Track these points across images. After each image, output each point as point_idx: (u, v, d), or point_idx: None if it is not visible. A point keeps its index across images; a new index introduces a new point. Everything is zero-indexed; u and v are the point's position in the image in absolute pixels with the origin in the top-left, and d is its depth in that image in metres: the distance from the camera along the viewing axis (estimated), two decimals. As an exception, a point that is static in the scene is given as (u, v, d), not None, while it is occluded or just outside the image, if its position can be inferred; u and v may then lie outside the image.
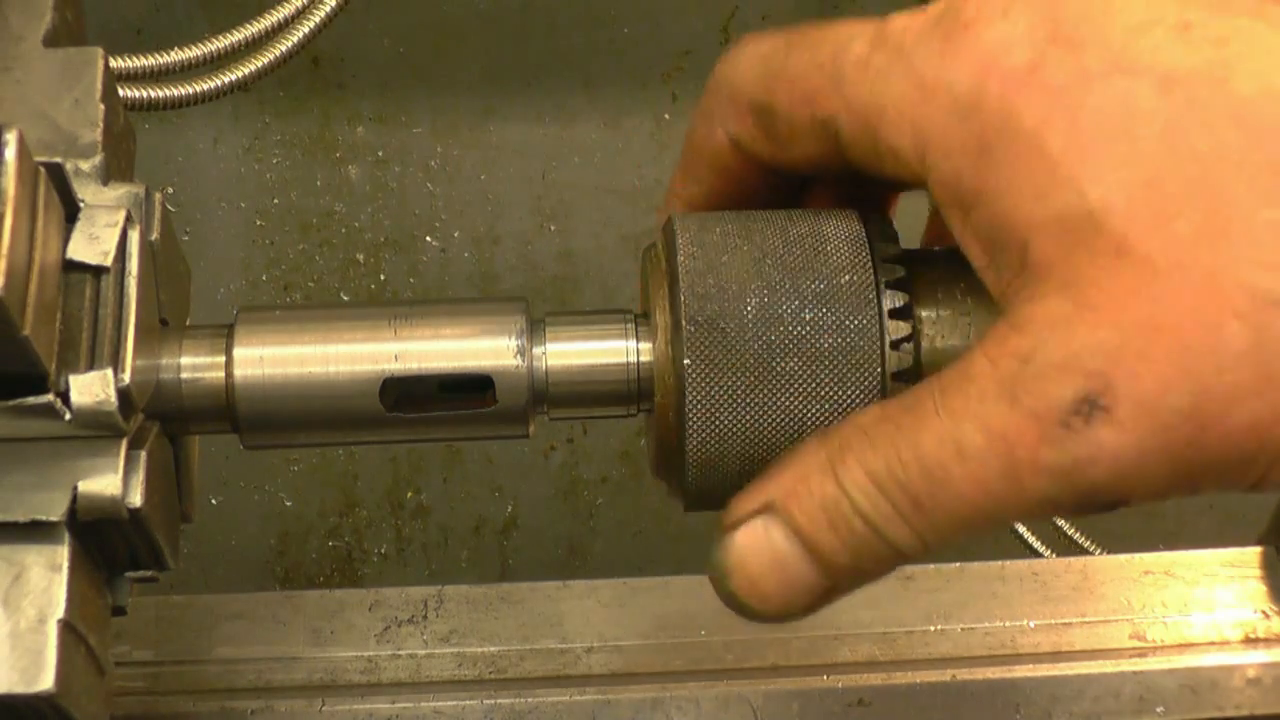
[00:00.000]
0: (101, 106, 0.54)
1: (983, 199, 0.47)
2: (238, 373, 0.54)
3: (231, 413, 0.54)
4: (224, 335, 0.55)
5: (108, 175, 0.54)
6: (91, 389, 0.49)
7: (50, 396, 0.48)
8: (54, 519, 0.48)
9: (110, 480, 0.49)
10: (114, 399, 0.49)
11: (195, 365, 0.54)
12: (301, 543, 1.52)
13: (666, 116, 1.44)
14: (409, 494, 1.51)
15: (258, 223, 1.44)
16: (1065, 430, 0.45)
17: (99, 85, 0.54)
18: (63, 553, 0.48)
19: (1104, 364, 0.44)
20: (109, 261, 0.51)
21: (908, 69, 0.49)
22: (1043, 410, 0.45)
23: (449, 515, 1.52)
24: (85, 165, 0.53)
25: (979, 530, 0.48)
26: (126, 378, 0.49)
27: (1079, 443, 0.45)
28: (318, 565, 1.53)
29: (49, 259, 0.49)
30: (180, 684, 0.85)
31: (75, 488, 0.49)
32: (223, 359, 0.54)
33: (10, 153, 0.45)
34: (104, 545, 0.51)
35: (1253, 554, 0.94)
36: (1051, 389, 0.45)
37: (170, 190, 1.39)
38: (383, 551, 1.53)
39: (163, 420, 0.54)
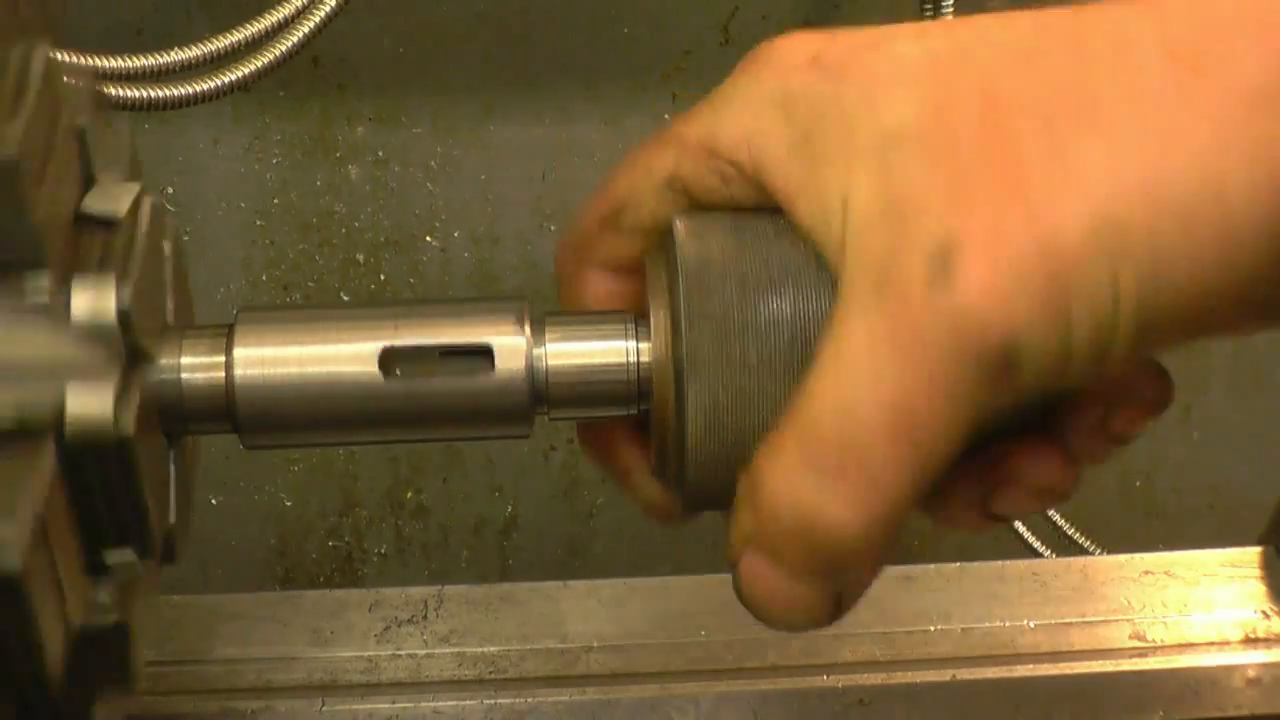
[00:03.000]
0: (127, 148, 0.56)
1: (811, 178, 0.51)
2: (238, 373, 0.54)
3: (231, 413, 0.54)
4: (224, 335, 0.55)
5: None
6: (92, 300, 0.49)
7: (47, 285, 0.48)
8: (42, 420, 0.47)
9: (102, 402, 0.48)
10: (113, 310, 0.49)
11: (195, 365, 0.54)
12: (301, 543, 1.52)
13: (666, 116, 1.44)
14: (409, 494, 1.51)
15: (258, 223, 1.44)
16: (930, 291, 0.46)
17: (127, 148, 0.56)
18: (45, 464, 0.47)
19: (939, 222, 0.46)
20: (121, 215, 0.51)
21: (728, 99, 0.53)
22: (906, 287, 0.46)
23: (449, 515, 1.52)
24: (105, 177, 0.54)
25: (923, 463, 0.47)
26: (128, 298, 0.49)
27: (947, 294, 0.46)
28: (318, 565, 1.53)
29: (62, 208, 0.49)
30: (180, 684, 0.85)
31: (65, 404, 0.48)
32: (223, 359, 0.54)
33: (41, 54, 0.47)
34: (86, 507, 0.50)
35: (1253, 554, 0.94)
36: (903, 267, 0.46)
37: (170, 190, 1.39)
38: (383, 551, 1.53)
39: (162, 419, 0.54)
